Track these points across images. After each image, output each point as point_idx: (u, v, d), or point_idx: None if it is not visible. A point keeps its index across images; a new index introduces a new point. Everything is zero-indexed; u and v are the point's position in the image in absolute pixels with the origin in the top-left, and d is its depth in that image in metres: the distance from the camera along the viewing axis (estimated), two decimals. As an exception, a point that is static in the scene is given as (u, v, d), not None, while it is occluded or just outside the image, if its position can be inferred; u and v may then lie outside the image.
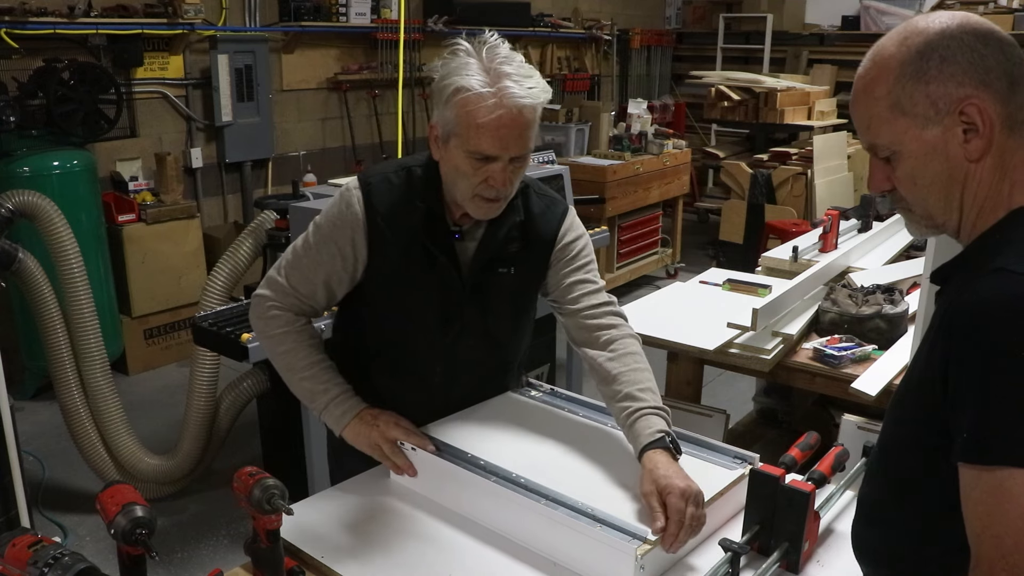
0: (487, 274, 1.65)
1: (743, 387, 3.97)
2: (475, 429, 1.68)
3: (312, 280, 1.63)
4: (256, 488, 1.23)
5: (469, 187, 1.52)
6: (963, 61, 1.01)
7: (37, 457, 3.60)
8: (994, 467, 0.93)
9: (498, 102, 1.44)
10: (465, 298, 1.64)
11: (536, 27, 7.18)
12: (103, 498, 1.21)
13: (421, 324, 1.66)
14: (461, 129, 1.47)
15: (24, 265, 3.00)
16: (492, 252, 1.64)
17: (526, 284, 1.72)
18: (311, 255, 1.63)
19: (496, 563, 1.38)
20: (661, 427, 1.50)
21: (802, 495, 1.34)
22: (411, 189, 1.61)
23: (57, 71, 4.10)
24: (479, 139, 1.46)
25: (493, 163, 1.49)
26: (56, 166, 4.07)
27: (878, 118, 1.07)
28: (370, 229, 1.59)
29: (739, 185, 6.39)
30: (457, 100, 1.46)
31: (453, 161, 1.52)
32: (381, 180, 1.63)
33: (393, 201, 1.60)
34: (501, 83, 1.44)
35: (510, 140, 1.47)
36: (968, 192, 1.06)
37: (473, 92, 1.44)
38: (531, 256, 1.69)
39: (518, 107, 1.45)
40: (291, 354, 1.64)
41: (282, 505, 1.23)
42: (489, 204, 1.55)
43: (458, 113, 1.46)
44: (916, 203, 1.11)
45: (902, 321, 2.56)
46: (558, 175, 3.82)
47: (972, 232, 1.08)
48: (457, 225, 1.64)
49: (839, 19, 8.30)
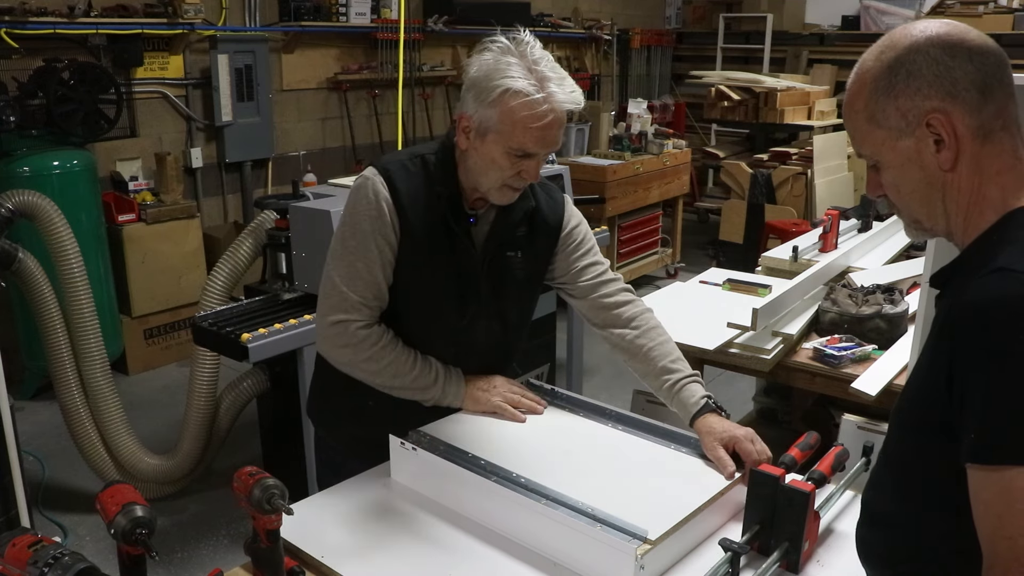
0: (498, 257, 1.71)
1: (743, 387, 3.97)
2: (475, 429, 1.68)
3: (373, 283, 1.65)
4: (256, 488, 1.23)
5: (500, 178, 1.59)
6: (928, 75, 1.04)
7: (37, 457, 3.60)
8: (1002, 467, 0.93)
9: (549, 108, 1.52)
10: (480, 280, 1.69)
11: (536, 27, 7.17)
12: (103, 498, 1.21)
13: (440, 305, 1.70)
14: (506, 127, 1.53)
15: (24, 265, 3.00)
16: (503, 236, 1.70)
17: (532, 269, 1.77)
18: (363, 257, 1.64)
19: (496, 563, 1.38)
20: (702, 393, 1.67)
21: (802, 495, 1.35)
22: (429, 175, 1.66)
23: (57, 71, 4.10)
24: (524, 139, 1.53)
25: (530, 159, 1.57)
26: (56, 166, 4.07)
27: (859, 130, 1.12)
28: (398, 213, 1.63)
29: (739, 185, 6.39)
30: (505, 101, 1.51)
31: (489, 155, 1.57)
32: (399, 167, 1.67)
33: (414, 186, 1.65)
34: (548, 88, 1.53)
35: (550, 140, 1.56)
36: (949, 199, 1.08)
37: (524, 96, 1.51)
38: (536, 241, 1.76)
39: (561, 111, 1.54)
40: (394, 364, 1.67)
41: (282, 505, 1.23)
42: (515, 193, 1.64)
43: (504, 112, 1.52)
44: (903, 209, 1.14)
45: (902, 321, 2.56)
46: (558, 175, 3.83)
47: (965, 236, 1.09)
48: (472, 209, 1.69)
49: (839, 19, 8.30)
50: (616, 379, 4.64)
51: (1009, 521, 0.93)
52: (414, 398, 1.70)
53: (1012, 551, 0.93)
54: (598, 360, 4.83)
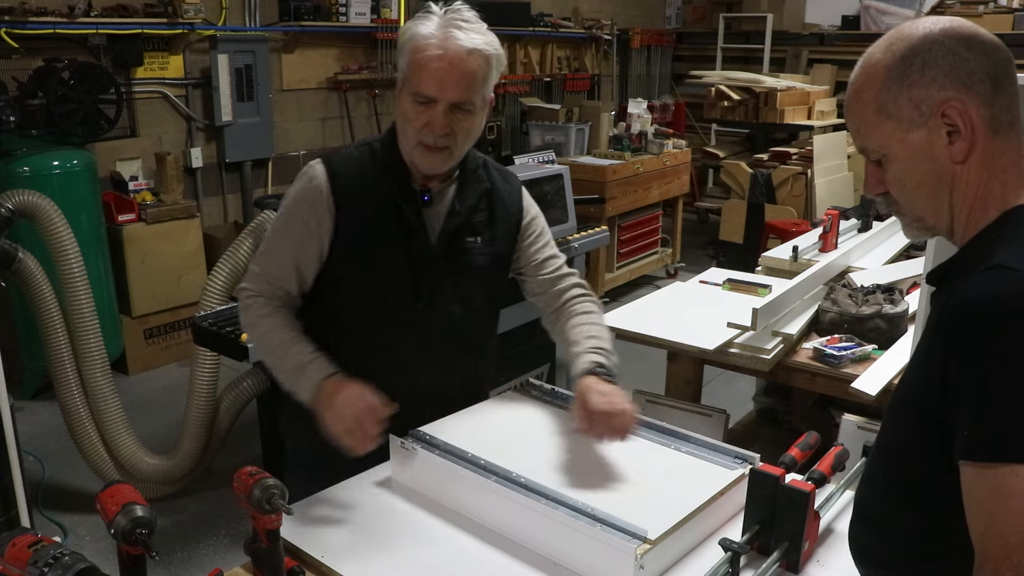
0: (456, 242, 1.68)
1: (743, 387, 3.97)
2: (475, 429, 1.68)
3: (282, 262, 1.65)
4: (256, 488, 1.23)
5: (413, 134, 1.57)
6: (944, 65, 1.03)
7: (37, 457, 3.60)
8: (995, 464, 0.93)
9: (439, 44, 1.52)
10: (436, 264, 1.66)
11: (536, 27, 7.18)
12: (103, 498, 1.21)
13: (393, 290, 1.66)
14: (409, 72, 1.55)
15: (24, 265, 3.00)
16: (462, 217, 1.68)
17: (495, 257, 1.75)
18: (279, 236, 1.67)
19: (496, 563, 1.38)
20: (599, 359, 1.64)
21: (802, 495, 1.34)
22: (374, 158, 1.67)
23: (57, 71, 4.10)
24: (420, 79, 1.53)
25: (433, 107, 1.54)
26: (56, 166, 4.07)
27: (867, 122, 1.10)
28: (336, 197, 1.62)
29: (739, 185, 6.39)
30: (407, 46, 1.55)
31: (402, 107, 1.58)
32: (343, 154, 1.69)
33: (358, 169, 1.65)
34: (448, 31, 1.53)
35: (448, 83, 1.53)
36: (956, 193, 1.07)
37: (422, 39, 1.53)
38: (497, 228, 1.74)
39: (458, 51, 1.52)
40: (266, 338, 1.66)
41: (282, 505, 1.23)
42: (432, 153, 1.59)
43: (408, 58, 1.55)
44: (906, 205, 1.12)
45: (902, 321, 2.56)
46: (558, 175, 3.83)
47: (965, 233, 1.09)
48: (424, 189, 1.67)
49: (839, 19, 8.30)
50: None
51: (1001, 519, 0.93)
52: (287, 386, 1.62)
53: (1003, 549, 0.93)
54: (598, 360, 4.82)
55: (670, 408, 2.71)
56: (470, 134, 1.62)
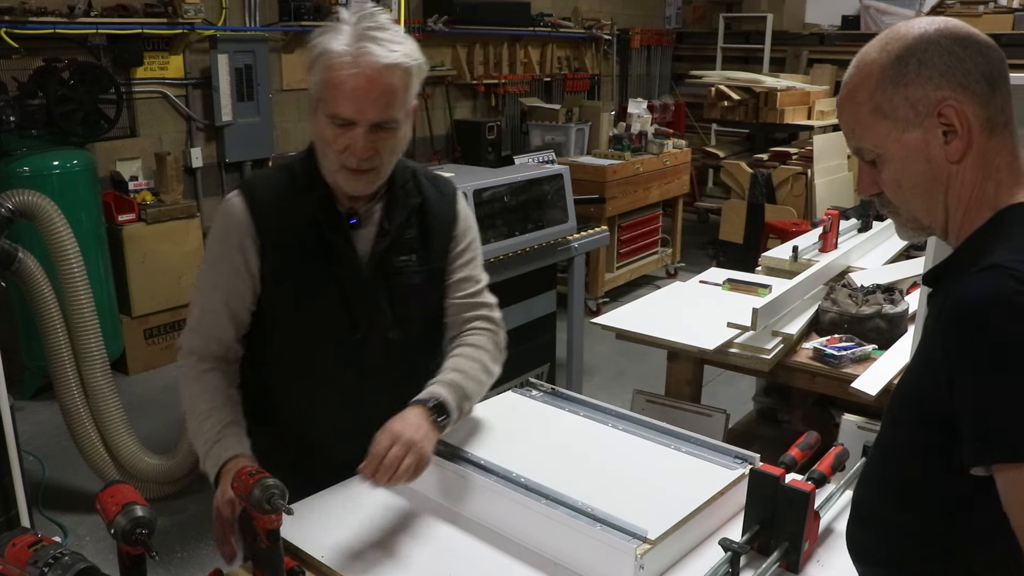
0: (389, 263, 1.59)
1: (743, 387, 3.97)
2: (475, 429, 1.68)
3: (213, 309, 1.56)
4: (256, 488, 1.23)
5: (335, 157, 1.48)
6: (940, 64, 1.03)
7: (37, 457, 3.60)
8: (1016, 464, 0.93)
9: (353, 62, 1.41)
10: (368, 289, 1.58)
11: (536, 27, 7.18)
12: (103, 498, 1.21)
13: (327, 323, 1.58)
14: (324, 92, 1.44)
15: (24, 265, 3.00)
16: (392, 236, 1.58)
17: (431, 274, 1.65)
18: (208, 282, 1.57)
19: (496, 563, 1.38)
20: (438, 391, 1.52)
21: (802, 495, 1.34)
22: (295, 182, 1.57)
23: (57, 71, 4.10)
24: (336, 101, 1.43)
25: (353, 129, 1.45)
26: (56, 166, 4.07)
27: (861, 122, 1.10)
28: (258, 229, 1.53)
29: (739, 185, 6.39)
30: (320, 63, 1.44)
31: (320, 130, 1.48)
32: (262, 180, 1.61)
33: (279, 197, 1.55)
34: (363, 46, 1.41)
35: (367, 103, 1.42)
36: (952, 193, 1.07)
37: (335, 56, 1.42)
38: (432, 243, 1.64)
39: (375, 68, 1.41)
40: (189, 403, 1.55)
41: (282, 505, 1.23)
42: (356, 176, 1.50)
43: (321, 77, 1.44)
44: (902, 206, 1.12)
45: (902, 321, 2.56)
46: (558, 175, 3.83)
47: (960, 233, 1.09)
48: (351, 211, 1.58)
49: (839, 19, 8.30)
50: (616, 379, 4.64)
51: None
52: None
53: None
54: (598, 360, 4.83)
55: (670, 408, 2.72)
56: (395, 151, 1.53)
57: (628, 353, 4.50)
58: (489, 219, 3.45)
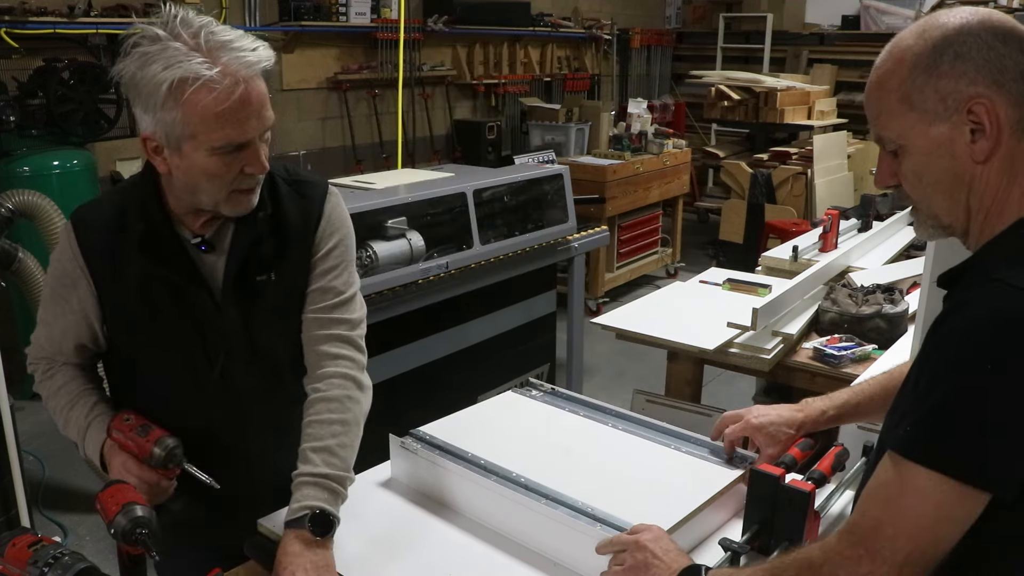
0: (245, 286, 1.41)
1: (743, 387, 3.97)
2: (475, 429, 1.68)
3: (54, 336, 1.46)
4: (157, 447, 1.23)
5: (223, 186, 1.31)
6: (978, 59, 0.99)
7: (37, 457, 3.59)
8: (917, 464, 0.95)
9: (234, 81, 1.24)
10: (222, 319, 1.40)
11: (536, 27, 7.18)
12: (103, 498, 1.21)
13: (179, 361, 1.42)
14: (196, 127, 1.24)
15: (24, 265, 3.00)
16: (244, 253, 1.40)
17: (294, 290, 1.46)
18: (48, 309, 1.46)
19: (496, 563, 1.38)
20: (310, 502, 1.32)
21: (802, 495, 1.34)
22: (125, 214, 1.38)
23: (57, 71, 4.10)
24: (224, 130, 1.25)
25: (247, 149, 1.29)
26: (56, 166, 4.07)
27: (888, 110, 1.06)
28: (92, 272, 1.38)
29: (739, 185, 6.39)
30: (180, 97, 1.22)
31: (196, 166, 1.28)
32: (95, 211, 1.42)
33: (108, 233, 1.37)
34: (222, 58, 1.24)
35: (255, 118, 1.28)
36: (974, 195, 1.04)
37: (198, 80, 1.22)
38: (290, 253, 1.45)
39: (249, 78, 1.26)
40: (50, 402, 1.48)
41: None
42: (249, 195, 1.35)
43: (186, 110, 1.23)
44: (921, 201, 1.09)
45: (902, 321, 2.56)
46: (558, 175, 3.83)
47: (980, 237, 1.06)
48: (198, 235, 1.40)
49: (839, 19, 8.30)
50: (616, 379, 4.64)
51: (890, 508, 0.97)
52: None
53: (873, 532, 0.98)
54: (598, 360, 4.83)
55: (670, 408, 2.71)
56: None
57: (628, 353, 4.50)
58: (489, 219, 3.46)
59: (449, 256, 3.17)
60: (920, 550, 0.95)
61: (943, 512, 0.94)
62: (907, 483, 0.96)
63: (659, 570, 1.19)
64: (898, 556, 0.96)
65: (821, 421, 1.51)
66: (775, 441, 1.50)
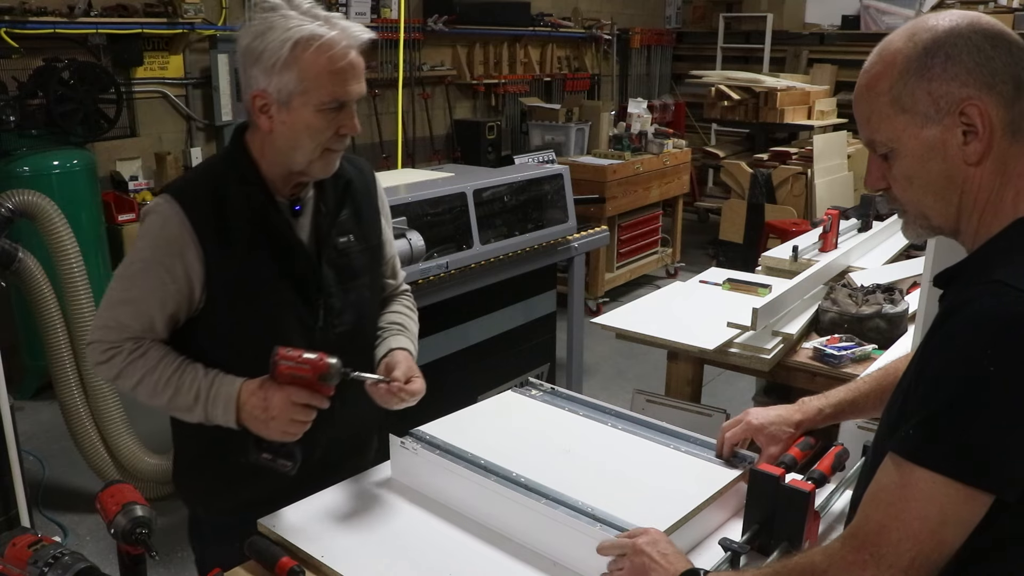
0: (331, 247, 1.56)
1: (743, 387, 3.97)
2: (475, 429, 1.68)
3: (145, 311, 1.48)
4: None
5: (317, 145, 1.45)
6: (969, 61, 1.00)
7: (37, 457, 3.59)
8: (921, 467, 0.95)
9: (348, 44, 1.42)
10: (321, 275, 1.55)
11: (536, 27, 7.18)
12: (103, 497, 1.22)
13: (286, 320, 1.52)
14: (311, 83, 1.40)
15: (24, 265, 3.00)
16: (331, 217, 1.57)
17: (371, 252, 1.65)
18: (138, 285, 1.47)
19: (496, 563, 1.38)
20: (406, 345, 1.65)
21: (802, 495, 1.34)
22: (226, 180, 1.49)
23: (57, 71, 4.10)
24: (333, 87, 1.41)
25: (343, 111, 1.45)
26: (56, 166, 4.07)
27: (879, 113, 1.06)
28: (200, 237, 1.45)
29: (739, 185, 6.39)
30: (302, 53, 1.38)
31: (300, 122, 1.43)
32: (190, 185, 1.53)
33: (213, 197, 1.47)
34: (338, 23, 1.43)
35: (357, 83, 1.46)
36: (967, 196, 1.04)
37: (321, 37, 1.39)
38: (363, 219, 1.63)
39: (359, 45, 1.45)
40: (146, 381, 1.48)
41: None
42: (336, 157, 1.51)
43: (305, 67, 1.39)
44: (910, 204, 1.09)
45: (902, 321, 2.56)
46: (558, 175, 3.83)
47: (976, 238, 1.06)
48: (293, 199, 1.54)
49: (839, 19, 8.30)
50: (616, 379, 4.64)
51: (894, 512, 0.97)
52: (184, 419, 1.51)
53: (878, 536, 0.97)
54: (598, 360, 4.83)
55: (670, 408, 2.71)
56: None
57: (628, 353, 4.51)
58: (489, 219, 3.45)
59: (449, 256, 3.17)
60: (924, 553, 0.95)
61: (947, 515, 0.94)
62: (910, 486, 0.95)
63: (658, 574, 1.19)
64: (903, 560, 0.95)
65: (819, 419, 1.51)
66: (776, 440, 1.50)
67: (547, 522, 1.37)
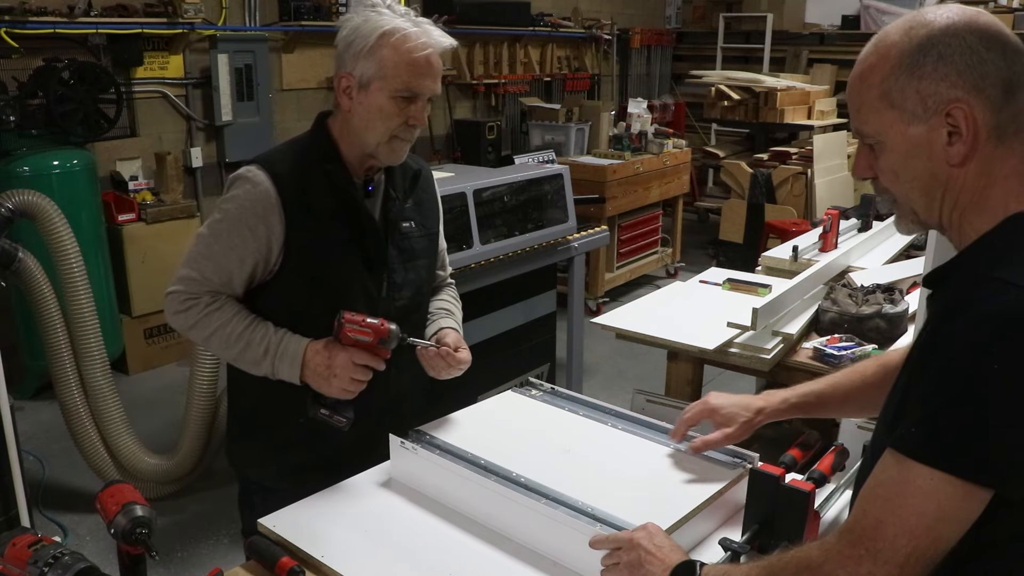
0: (396, 228, 1.71)
1: (743, 387, 3.96)
2: (475, 429, 1.68)
3: (226, 267, 1.60)
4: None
5: (387, 130, 1.58)
6: (960, 63, 1.00)
7: (37, 457, 3.60)
8: (920, 463, 0.95)
9: (427, 41, 1.55)
10: (386, 252, 1.69)
11: (536, 27, 7.18)
12: (103, 497, 1.22)
13: (355, 283, 1.66)
14: (388, 70, 1.54)
15: (24, 265, 3.00)
16: (400, 202, 1.72)
17: (430, 239, 1.80)
18: (222, 241, 1.60)
19: (496, 563, 1.38)
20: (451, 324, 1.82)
21: (802, 495, 1.34)
22: (310, 158, 1.63)
23: (57, 71, 4.10)
24: (408, 77, 1.54)
25: (415, 103, 1.58)
26: (56, 166, 4.07)
27: (868, 105, 1.06)
28: (284, 203, 1.58)
29: (739, 185, 6.39)
30: (384, 43, 1.53)
31: (375, 105, 1.57)
32: (278, 155, 1.66)
33: (298, 169, 1.62)
34: (422, 24, 1.57)
35: (431, 79, 1.58)
36: (950, 195, 1.05)
37: (402, 32, 1.53)
38: (425, 210, 1.79)
39: (440, 48, 1.58)
40: (220, 333, 1.59)
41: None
42: (404, 146, 1.63)
43: (385, 55, 1.53)
44: (900, 196, 1.10)
45: (902, 321, 2.56)
46: (558, 175, 3.83)
47: (961, 236, 1.07)
48: (367, 179, 1.69)
49: (839, 18, 8.30)
50: (616, 379, 4.64)
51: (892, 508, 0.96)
52: (250, 371, 1.62)
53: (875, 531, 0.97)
54: (598, 360, 4.83)
55: (670, 408, 2.71)
56: None
57: (628, 353, 4.51)
58: (489, 219, 3.45)
59: (449, 256, 3.17)
60: (921, 549, 0.95)
61: (945, 511, 0.94)
62: (909, 482, 0.96)
63: (653, 566, 1.19)
64: (899, 555, 0.96)
65: (782, 409, 1.51)
66: (731, 421, 1.52)
67: (547, 522, 1.37)
